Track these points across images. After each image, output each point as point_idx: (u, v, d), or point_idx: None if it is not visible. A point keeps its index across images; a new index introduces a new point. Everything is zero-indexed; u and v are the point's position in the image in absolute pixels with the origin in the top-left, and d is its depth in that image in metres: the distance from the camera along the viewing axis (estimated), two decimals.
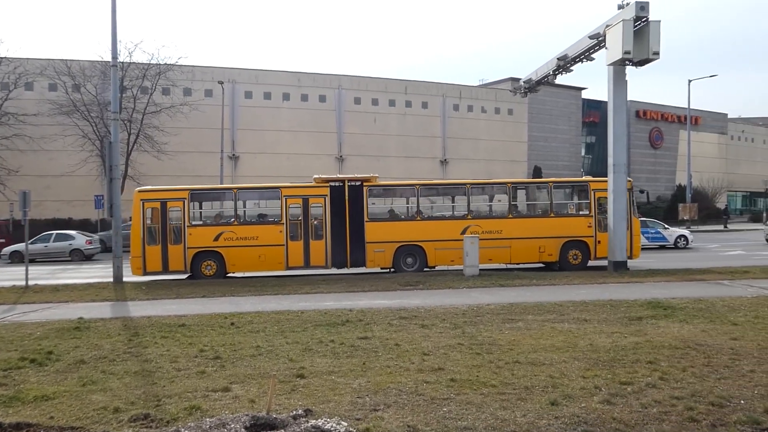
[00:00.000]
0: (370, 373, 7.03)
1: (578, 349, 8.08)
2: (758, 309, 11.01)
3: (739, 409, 5.66)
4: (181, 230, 17.96)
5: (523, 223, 19.00)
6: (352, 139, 47.27)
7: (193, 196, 18.42)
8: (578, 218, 19.18)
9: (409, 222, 18.91)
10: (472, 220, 18.81)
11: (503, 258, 18.87)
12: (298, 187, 19.07)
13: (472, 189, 19.44)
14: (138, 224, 17.84)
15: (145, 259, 17.74)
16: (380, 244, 18.37)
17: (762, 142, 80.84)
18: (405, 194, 19.96)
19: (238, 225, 18.27)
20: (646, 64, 17.19)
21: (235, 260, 18.04)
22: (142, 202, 17.98)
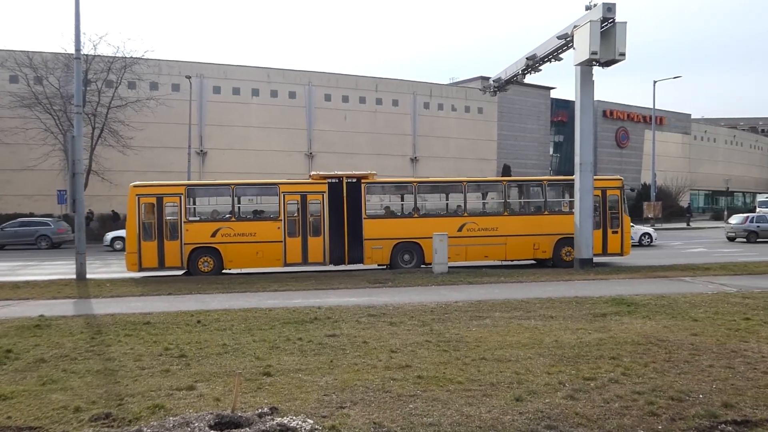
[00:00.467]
0: (338, 370, 7.02)
1: (544, 345, 8.18)
2: (718, 305, 11.30)
3: (697, 403, 5.79)
4: (178, 226, 17.76)
5: (518, 221, 19.28)
6: (322, 136, 47.07)
7: (189, 192, 18.29)
8: (571, 216, 19.34)
9: (407, 219, 19.09)
10: (469, 217, 19.07)
11: (499, 255, 19.23)
12: (296, 184, 19.19)
13: (468, 186, 19.72)
14: (133, 220, 17.57)
15: (140, 255, 17.51)
16: (378, 241, 18.46)
17: (723, 142, 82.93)
18: (402, 191, 20.28)
19: (236, 221, 18.17)
20: (613, 65, 17.48)
21: (233, 256, 17.92)
22: (138, 197, 17.65)
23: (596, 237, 19.01)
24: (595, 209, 19.24)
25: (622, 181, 20.62)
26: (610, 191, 19.96)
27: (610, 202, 19.82)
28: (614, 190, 20.04)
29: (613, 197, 19.93)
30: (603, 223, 19.70)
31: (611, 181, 20.61)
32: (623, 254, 19.75)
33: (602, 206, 19.71)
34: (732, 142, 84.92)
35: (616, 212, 19.83)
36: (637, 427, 5.21)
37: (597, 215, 19.31)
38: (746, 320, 9.78)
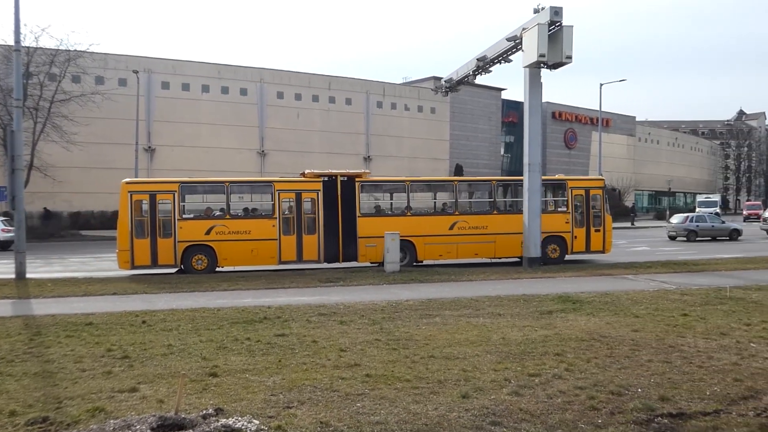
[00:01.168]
0: (286, 370, 6.97)
1: (491, 342, 8.31)
2: (658, 302, 11.70)
3: (636, 396, 5.99)
4: (171, 223, 17.39)
5: (507, 219, 19.52)
6: (274, 134, 46.60)
7: (183, 189, 17.84)
8: (557, 215, 20.02)
9: (400, 217, 19.20)
10: (460, 215, 19.33)
11: (488, 252, 19.59)
12: (291, 182, 19.23)
13: (459, 185, 20.19)
14: (125, 217, 17.15)
15: (133, 252, 17.10)
16: (372, 239, 18.38)
17: (666, 144, 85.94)
18: (395, 190, 20.45)
19: (231, 219, 17.90)
20: (560, 67, 17.83)
21: (227, 254, 17.69)
22: (130, 194, 17.25)
23: (580, 235, 19.84)
24: (579, 209, 20.06)
25: (605, 181, 21.40)
26: (592, 191, 20.52)
27: (593, 202, 20.38)
28: (597, 189, 20.61)
29: (596, 197, 20.51)
30: (586, 222, 20.19)
31: (594, 181, 21.39)
32: (605, 251, 20.38)
33: (585, 205, 20.23)
34: (674, 144, 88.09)
35: (599, 211, 20.34)
36: (578, 421, 5.35)
37: (581, 214, 20.03)
38: (684, 316, 10.16)
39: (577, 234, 19.91)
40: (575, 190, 20.20)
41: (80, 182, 39.37)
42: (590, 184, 20.91)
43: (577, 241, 19.90)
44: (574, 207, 20.07)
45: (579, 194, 20.11)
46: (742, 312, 10.54)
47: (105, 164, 39.97)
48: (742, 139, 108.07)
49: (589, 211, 20.23)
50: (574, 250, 20.00)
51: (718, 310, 10.72)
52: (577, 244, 19.89)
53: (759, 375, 6.70)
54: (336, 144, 48.73)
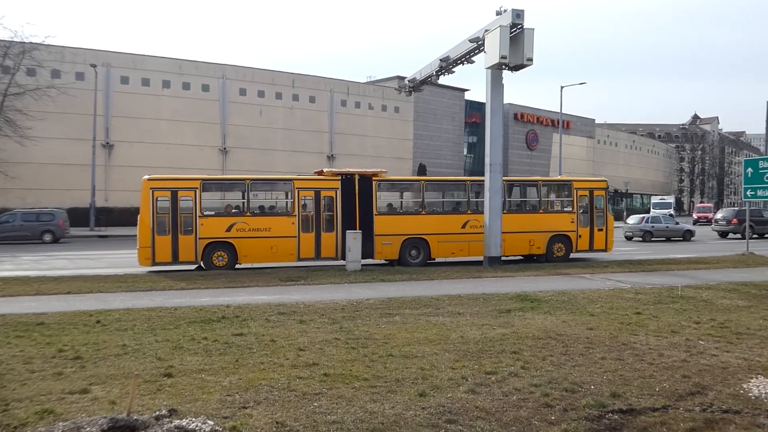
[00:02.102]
0: (243, 370, 6.90)
1: (450, 341, 8.38)
2: (613, 300, 11.96)
3: (589, 393, 6.11)
4: (193, 220, 17.39)
5: (516, 218, 20.01)
6: (236, 131, 46.05)
7: (204, 186, 17.89)
8: (562, 214, 20.68)
9: (415, 216, 19.44)
10: (472, 214, 19.67)
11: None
12: (311, 180, 19.17)
13: (471, 185, 20.50)
14: (147, 213, 17.10)
15: (154, 249, 17.03)
16: (388, 237, 18.74)
17: (624, 146, 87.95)
18: (410, 189, 20.97)
19: (251, 216, 17.99)
20: (521, 69, 18.04)
21: (247, 251, 17.77)
22: (152, 191, 17.23)
23: (584, 234, 20.55)
24: (583, 209, 20.71)
25: (607, 183, 22.05)
26: (596, 192, 21.17)
27: (596, 203, 20.98)
28: (600, 191, 21.27)
29: (599, 198, 21.13)
30: (590, 222, 20.81)
31: (597, 183, 21.99)
32: (607, 250, 21.07)
33: (590, 206, 20.86)
34: (632, 147, 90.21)
35: (602, 212, 21.01)
36: (532, 418, 5.43)
37: (585, 214, 20.68)
38: (637, 314, 10.41)
39: (581, 233, 20.59)
40: (580, 191, 20.88)
41: (35, 178, 38.29)
42: (594, 186, 21.56)
43: (582, 240, 20.60)
44: (578, 207, 20.71)
45: (583, 195, 20.82)
46: (692, 310, 10.85)
47: (61, 160, 38.97)
48: (696, 142, 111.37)
49: (592, 211, 20.85)
50: (579, 249, 20.68)
51: (669, 309, 11.02)
52: (582, 243, 20.60)
53: (706, 371, 6.91)
54: (299, 142, 48.44)
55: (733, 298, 12.36)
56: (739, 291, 13.31)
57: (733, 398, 5.99)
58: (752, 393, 6.15)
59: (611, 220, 21.40)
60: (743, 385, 6.39)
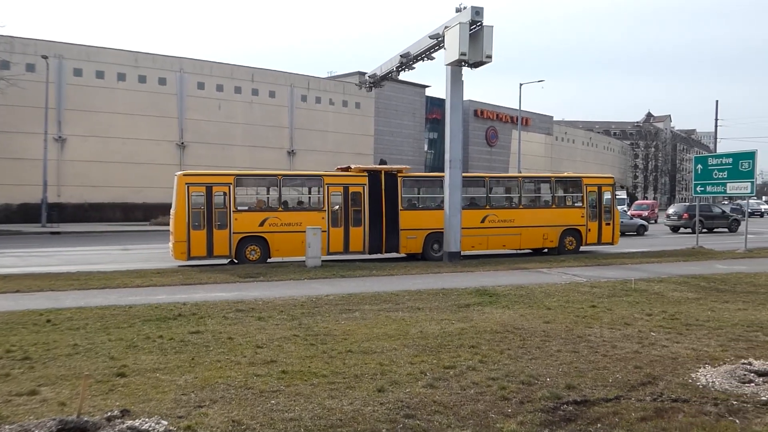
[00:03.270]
0: (199, 368, 6.79)
1: (409, 336, 8.40)
2: (569, 294, 12.19)
3: (545, 386, 6.21)
4: (227, 215, 17.74)
5: (531, 213, 21.16)
6: (194, 126, 45.19)
7: (238, 181, 18.25)
8: (574, 209, 21.64)
9: (437, 211, 19.72)
10: (490, 210, 20.60)
11: (515, 244, 20.94)
12: (339, 176, 19.69)
13: (489, 181, 21.53)
14: (183, 208, 17.31)
15: (189, 243, 17.29)
16: (412, 231, 19.48)
17: (581, 143, 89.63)
18: (433, 185, 21.49)
19: (283, 211, 18.47)
20: (481, 66, 18.17)
21: (279, 245, 18.15)
22: (187, 186, 17.42)
23: (593, 228, 21.63)
24: (592, 204, 21.76)
25: (614, 179, 23.31)
26: (604, 188, 22.16)
27: (603, 198, 21.93)
28: (607, 187, 22.31)
29: (607, 193, 22.13)
30: (599, 216, 21.83)
31: (605, 179, 22.96)
32: (614, 243, 22.17)
33: (598, 202, 21.86)
34: (588, 144, 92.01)
35: (609, 207, 22.05)
36: (489, 411, 5.48)
37: (593, 209, 21.73)
38: (592, 308, 10.63)
39: (590, 227, 21.62)
40: (589, 187, 21.86)
41: None
42: (602, 182, 22.52)
43: (591, 233, 21.65)
44: (588, 202, 21.65)
45: (592, 191, 21.83)
46: (644, 303, 11.15)
47: (10, 154, 37.63)
48: (649, 140, 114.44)
49: (601, 206, 21.87)
50: (588, 242, 21.66)
51: (623, 302, 11.29)
52: (591, 237, 21.64)
53: (657, 362, 7.10)
54: (259, 137, 47.85)
55: (684, 290, 12.74)
56: (689, 283, 13.73)
57: (682, 387, 6.17)
58: (700, 382, 6.35)
59: (617, 215, 22.71)
60: (692, 375, 6.59)
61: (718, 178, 22.48)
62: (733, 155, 22.33)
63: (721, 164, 22.53)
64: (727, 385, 6.23)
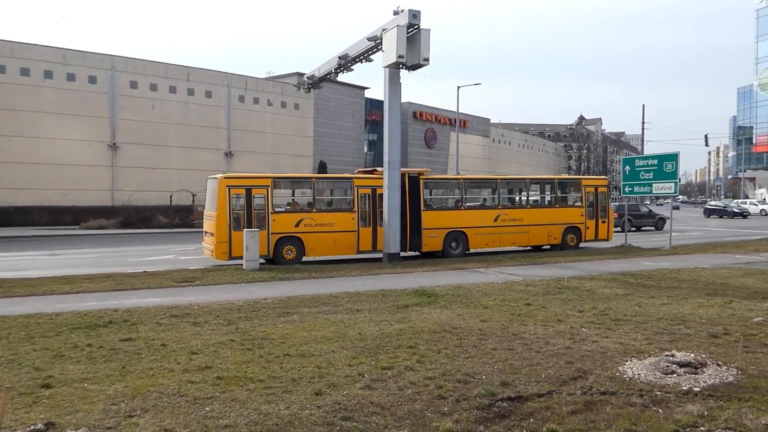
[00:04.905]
0: (130, 377, 6.57)
1: (348, 338, 8.40)
2: (505, 293, 12.46)
3: (480, 383, 6.32)
4: (265, 216, 18.39)
5: (537, 213, 22.63)
6: (127, 126, 43.75)
7: (275, 184, 19.10)
8: (574, 208, 23.22)
9: (455, 211, 21.20)
10: (502, 209, 21.89)
11: (523, 241, 22.23)
12: (367, 178, 20.40)
13: (500, 183, 23.09)
14: (224, 210, 17.89)
15: (231, 244, 17.79)
16: (433, 230, 20.43)
17: (517, 145, 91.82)
18: (451, 186, 22.58)
19: (317, 212, 19.15)
20: (418, 69, 18.34)
21: (313, 245, 18.90)
22: (228, 189, 18.02)
23: (591, 226, 23.26)
24: (590, 203, 23.31)
25: (608, 180, 25.48)
26: (600, 188, 23.87)
27: (600, 198, 23.57)
28: (603, 187, 24.08)
29: (602, 194, 23.80)
30: (595, 215, 23.45)
31: (601, 180, 25.05)
32: (608, 239, 23.74)
33: (595, 201, 23.42)
34: (524, 146, 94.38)
35: (604, 206, 23.74)
36: (426, 410, 5.54)
37: (591, 208, 23.29)
38: (527, 305, 10.90)
39: (588, 225, 23.24)
40: (587, 188, 23.44)
41: None
42: (598, 183, 24.43)
43: (589, 230, 23.27)
44: (586, 202, 23.16)
45: (590, 191, 23.42)
46: (576, 300, 11.52)
47: None
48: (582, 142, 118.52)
49: (597, 205, 23.52)
50: (586, 239, 23.24)
51: (556, 299, 11.63)
52: (589, 234, 23.26)
53: (587, 357, 7.35)
54: (195, 138, 46.76)
55: (613, 287, 13.22)
56: (618, 280, 14.27)
57: (610, 381, 6.40)
58: (627, 375, 6.61)
59: (611, 213, 24.50)
60: (619, 368, 6.85)
61: (644, 179, 23.45)
62: (658, 157, 23.32)
63: (647, 165, 23.50)
64: (652, 376, 6.51)
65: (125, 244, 27.79)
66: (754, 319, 9.51)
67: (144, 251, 24.21)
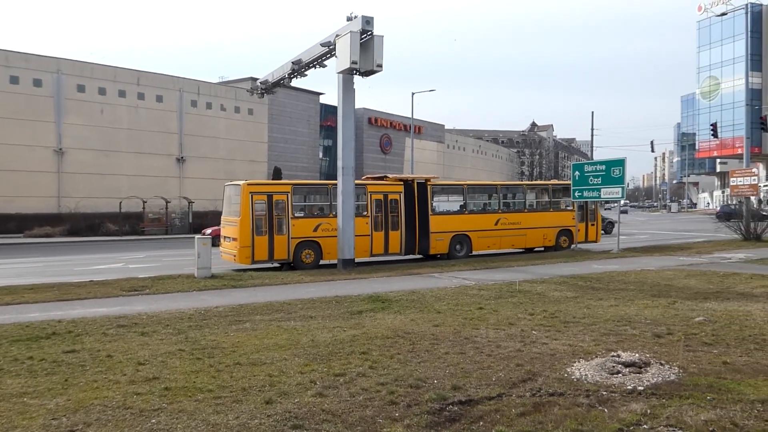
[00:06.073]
0: (73, 390, 6.36)
1: (300, 345, 8.32)
2: (458, 297, 12.57)
3: (432, 388, 6.34)
4: (285, 222, 18.92)
5: (534, 216, 23.65)
6: (74, 131, 42.53)
7: (295, 190, 19.60)
8: (566, 212, 24.57)
9: (460, 215, 22.26)
10: (502, 213, 22.96)
11: (521, 243, 23.49)
12: (379, 184, 21.29)
13: (500, 188, 24.39)
14: (247, 216, 18.38)
15: (253, 248, 18.39)
16: (440, 234, 21.46)
17: (472, 151, 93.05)
18: (455, 192, 23.36)
19: (333, 217, 19.50)
20: (372, 75, 18.39)
21: (330, 249, 19.37)
22: (251, 195, 18.53)
23: (581, 228, 24.62)
24: (580, 208, 24.61)
25: None
26: None
27: (589, 202, 24.73)
28: None
29: None
30: (585, 218, 24.83)
31: None
32: (597, 241, 25.12)
33: (585, 205, 24.78)
34: (478, 151, 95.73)
35: (593, 210, 25.20)
36: (377, 416, 5.53)
37: (581, 212, 24.66)
38: (480, 309, 11.02)
39: (579, 228, 24.50)
40: None
41: None
42: None
43: (580, 233, 24.52)
44: (577, 206, 24.47)
45: None
46: (528, 303, 11.70)
47: None
48: (534, 147, 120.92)
49: (587, 209, 24.92)
50: (577, 241, 24.32)
51: (508, 303, 11.79)
52: (580, 236, 24.50)
53: (537, 359, 7.47)
54: (146, 143, 45.80)
55: (563, 289, 13.49)
56: (568, 283, 14.58)
57: (558, 382, 6.52)
58: (574, 376, 6.74)
59: (599, 216, 25.96)
60: (567, 369, 6.98)
61: (593, 184, 24.02)
62: (606, 163, 23.94)
63: (595, 171, 24.08)
64: (598, 377, 6.66)
65: (72, 253, 26.95)
66: (696, 319, 9.85)
67: (92, 260, 23.54)
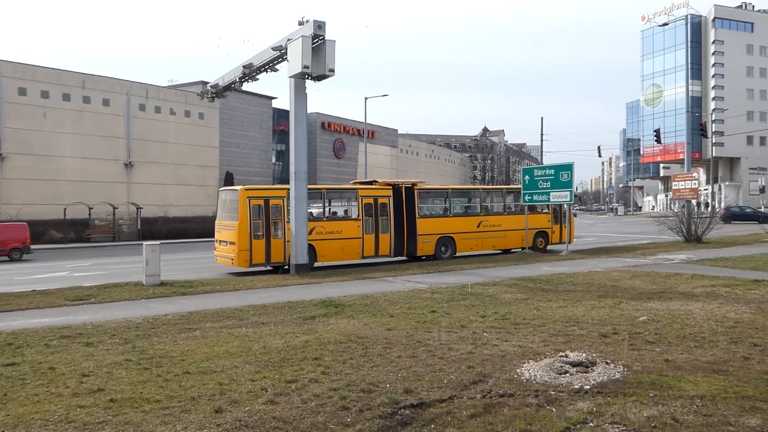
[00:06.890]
0: (12, 404, 6.12)
1: (252, 352, 8.22)
2: (411, 301, 12.63)
3: (384, 392, 6.36)
4: (281, 225, 19.24)
5: (513, 218, 24.74)
6: (15, 136, 40.92)
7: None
8: (542, 215, 25.64)
9: (444, 218, 23.18)
10: (484, 216, 24.04)
11: (501, 245, 24.55)
12: (370, 189, 21.90)
13: (482, 192, 25.82)
14: (245, 220, 18.67)
15: (251, 252, 18.66)
16: (427, 236, 22.26)
17: (425, 155, 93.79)
18: (440, 196, 24.44)
19: (327, 221, 20.50)
20: (324, 79, 18.36)
21: (324, 251, 20.03)
22: (248, 200, 18.79)
23: (556, 230, 25.72)
24: (555, 210, 25.74)
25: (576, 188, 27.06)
26: None
27: (564, 205, 25.28)
28: None
29: None
30: (560, 221, 25.83)
31: None
32: (570, 242, 25.37)
33: (559, 208, 25.69)
34: (431, 156, 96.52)
35: (566, 212, 25.77)
36: (329, 422, 5.51)
37: (556, 215, 25.79)
38: (432, 313, 11.10)
39: (554, 229, 25.67)
40: None
41: None
42: None
43: (554, 234, 25.64)
44: (552, 209, 25.54)
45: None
46: (479, 306, 11.85)
47: None
48: (486, 152, 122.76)
49: (561, 212, 25.85)
50: (552, 242, 25.56)
51: (461, 305, 11.91)
52: (554, 237, 25.61)
53: (488, 361, 7.57)
54: (91, 148, 44.43)
55: (514, 292, 13.72)
56: (519, 285, 14.83)
57: (508, 383, 6.62)
58: (524, 376, 6.86)
59: (572, 219, 26.92)
60: (517, 370, 7.10)
61: (543, 188, 24.52)
62: (555, 167, 24.47)
63: (545, 175, 24.58)
64: (547, 377, 6.80)
65: (13, 262, 25.94)
66: (640, 319, 10.16)
67: (34, 268, 22.71)
